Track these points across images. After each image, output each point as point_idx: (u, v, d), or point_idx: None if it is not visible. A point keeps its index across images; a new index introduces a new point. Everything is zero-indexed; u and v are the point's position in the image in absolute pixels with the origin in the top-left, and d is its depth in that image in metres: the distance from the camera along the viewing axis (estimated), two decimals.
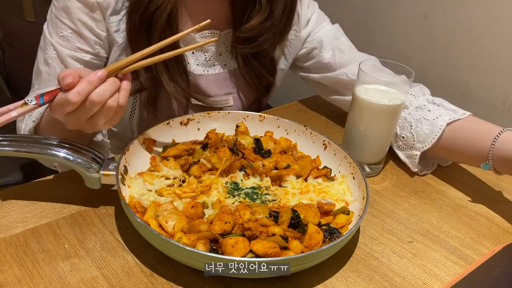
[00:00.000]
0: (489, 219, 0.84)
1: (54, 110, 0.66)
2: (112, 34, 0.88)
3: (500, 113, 1.23)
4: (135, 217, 0.64)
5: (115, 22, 0.87)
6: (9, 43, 1.45)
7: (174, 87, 0.90)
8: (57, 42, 0.86)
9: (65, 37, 0.86)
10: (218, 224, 0.66)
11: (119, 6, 0.86)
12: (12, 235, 0.70)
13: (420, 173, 0.93)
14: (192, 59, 0.96)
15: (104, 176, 0.72)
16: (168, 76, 0.89)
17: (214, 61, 0.98)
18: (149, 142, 0.83)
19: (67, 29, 0.86)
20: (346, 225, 0.73)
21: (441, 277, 0.70)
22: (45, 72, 0.88)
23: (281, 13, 0.93)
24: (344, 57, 1.02)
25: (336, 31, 1.05)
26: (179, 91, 0.90)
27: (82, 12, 0.85)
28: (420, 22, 1.35)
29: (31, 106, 0.65)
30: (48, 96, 0.65)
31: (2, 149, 0.70)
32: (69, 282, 0.63)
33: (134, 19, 0.84)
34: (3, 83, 1.47)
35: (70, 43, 0.86)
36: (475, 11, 1.22)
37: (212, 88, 0.99)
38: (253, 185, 0.79)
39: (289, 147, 0.90)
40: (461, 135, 0.87)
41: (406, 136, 0.91)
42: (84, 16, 0.85)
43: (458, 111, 0.89)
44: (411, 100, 0.93)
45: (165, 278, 0.65)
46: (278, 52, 1.03)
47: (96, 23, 0.86)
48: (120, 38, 0.88)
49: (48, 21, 0.88)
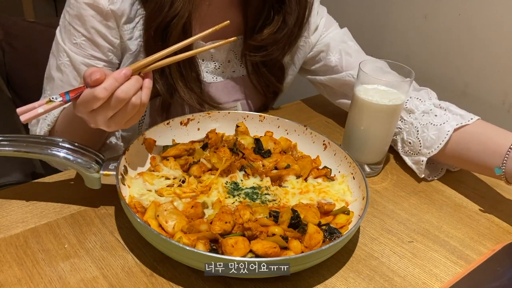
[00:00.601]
0: (489, 219, 0.84)
1: (80, 106, 0.66)
2: (126, 42, 0.88)
3: (500, 113, 1.23)
4: (135, 217, 0.64)
5: (128, 30, 0.88)
6: (9, 43, 1.45)
7: (189, 93, 0.91)
8: (70, 49, 0.86)
9: (78, 44, 0.86)
10: (218, 224, 0.66)
11: (133, 14, 0.87)
12: (12, 235, 0.70)
13: (428, 179, 0.92)
14: (202, 66, 0.97)
15: (104, 176, 0.72)
16: (183, 83, 0.90)
17: (223, 68, 0.99)
18: (149, 142, 0.83)
19: (80, 37, 0.86)
20: (346, 225, 0.73)
21: (441, 277, 0.70)
22: (57, 78, 0.88)
23: (294, 24, 0.94)
24: (351, 60, 1.01)
25: (343, 35, 1.05)
26: (193, 98, 0.91)
27: (96, 20, 0.85)
28: (420, 22, 1.35)
29: (57, 103, 0.65)
30: (74, 93, 0.65)
31: (2, 149, 0.70)
32: (69, 282, 0.63)
33: (152, 28, 0.84)
34: (3, 83, 1.47)
35: (83, 50, 0.86)
36: (475, 11, 1.22)
37: (221, 95, 1.00)
38: (253, 185, 0.79)
39: (289, 147, 0.90)
40: (470, 140, 0.85)
41: (412, 141, 0.90)
42: (98, 24, 0.85)
43: (466, 116, 0.87)
44: (417, 104, 0.92)
45: (165, 278, 0.65)
46: (287, 59, 1.04)
47: (110, 31, 0.86)
48: (133, 45, 0.89)
49: (61, 27, 0.88)
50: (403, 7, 1.39)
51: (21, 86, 1.49)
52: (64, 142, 0.72)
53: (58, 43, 0.88)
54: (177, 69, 0.89)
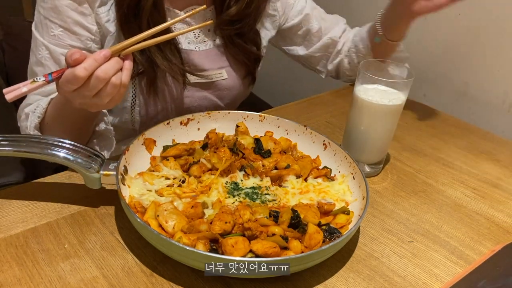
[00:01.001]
0: (489, 219, 0.84)
1: (62, 86, 0.68)
2: (103, 25, 0.90)
3: (500, 113, 1.24)
4: (135, 217, 0.64)
5: (104, 12, 0.90)
6: (9, 43, 1.45)
7: (169, 64, 0.93)
8: (49, 42, 0.88)
9: (56, 36, 0.87)
10: (218, 224, 0.66)
11: None
12: (12, 235, 0.70)
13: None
14: (182, 38, 0.99)
15: (104, 176, 0.72)
16: (161, 55, 0.92)
17: (204, 37, 1.01)
18: (149, 142, 0.83)
19: (57, 28, 0.87)
20: (346, 225, 0.73)
21: (441, 277, 0.70)
22: (40, 73, 0.89)
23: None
24: (326, 24, 1.16)
25: (311, 1, 1.16)
26: (174, 68, 0.94)
27: (70, 9, 0.86)
28: (420, 22, 1.35)
29: (40, 83, 0.68)
30: (56, 74, 0.68)
31: (2, 149, 0.70)
32: (69, 282, 0.63)
33: (123, 7, 0.87)
34: (3, 83, 1.47)
35: (61, 41, 0.88)
36: (475, 11, 1.22)
37: (205, 63, 1.02)
38: (253, 185, 0.79)
39: (289, 147, 0.90)
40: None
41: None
42: (73, 12, 0.87)
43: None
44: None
45: (165, 278, 0.65)
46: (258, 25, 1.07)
47: (85, 18, 0.88)
48: (111, 27, 0.91)
49: (36, 23, 0.89)
50: None
51: None
52: (64, 142, 0.72)
53: (36, 39, 0.89)
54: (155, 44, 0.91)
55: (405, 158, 0.99)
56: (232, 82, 1.06)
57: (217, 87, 1.04)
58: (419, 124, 1.14)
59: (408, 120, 1.14)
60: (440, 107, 1.23)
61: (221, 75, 1.04)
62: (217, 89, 1.05)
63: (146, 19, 0.88)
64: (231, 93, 1.07)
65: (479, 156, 1.02)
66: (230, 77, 1.05)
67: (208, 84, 1.03)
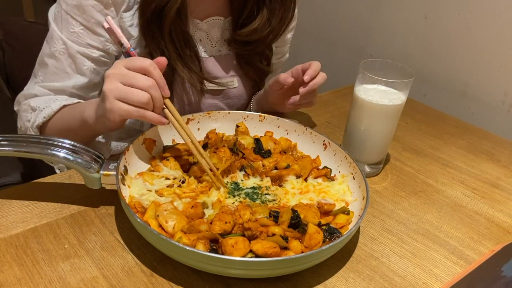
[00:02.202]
0: (489, 219, 0.84)
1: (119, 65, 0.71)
2: (126, 29, 0.91)
3: (500, 113, 1.24)
4: (135, 217, 0.64)
5: (128, 17, 0.90)
6: (9, 43, 1.45)
7: (189, 72, 0.94)
8: (67, 38, 0.87)
9: (76, 33, 0.87)
10: (218, 224, 0.66)
11: (132, 2, 0.89)
12: (12, 235, 0.70)
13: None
14: (200, 46, 1.00)
15: (104, 176, 0.72)
16: (181, 63, 0.93)
17: (220, 47, 1.02)
18: (149, 142, 0.83)
19: (79, 26, 0.87)
20: (346, 225, 0.73)
21: (441, 277, 0.70)
22: (51, 65, 0.89)
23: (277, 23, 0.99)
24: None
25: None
26: (194, 77, 0.95)
27: (96, 10, 0.86)
28: (420, 22, 1.36)
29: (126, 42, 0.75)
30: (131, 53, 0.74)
31: (2, 149, 0.70)
32: (69, 282, 0.63)
33: (147, 13, 0.87)
34: (3, 83, 1.47)
35: (80, 39, 0.88)
36: (475, 11, 1.22)
37: (219, 70, 1.03)
38: (253, 185, 0.79)
39: (289, 147, 0.90)
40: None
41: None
42: (98, 14, 0.87)
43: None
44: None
45: (165, 278, 0.65)
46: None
47: None
48: (134, 32, 0.91)
49: (56, 16, 0.89)
50: (403, 7, 1.39)
51: (21, 86, 1.47)
52: (64, 142, 0.72)
53: (53, 31, 0.89)
54: (175, 51, 0.92)
55: (405, 158, 0.99)
56: (241, 90, 1.07)
57: (227, 95, 1.05)
58: (419, 124, 1.14)
59: (408, 120, 1.14)
60: (440, 107, 1.23)
61: (232, 83, 1.05)
62: (227, 97, 1.06)
63: (169, 26, 0.88)
64: (239, 102, 1.08)
65: (479, 156, 1.03)
66: (240, 86, 1.06)
67: (219, 91, 1.04)
